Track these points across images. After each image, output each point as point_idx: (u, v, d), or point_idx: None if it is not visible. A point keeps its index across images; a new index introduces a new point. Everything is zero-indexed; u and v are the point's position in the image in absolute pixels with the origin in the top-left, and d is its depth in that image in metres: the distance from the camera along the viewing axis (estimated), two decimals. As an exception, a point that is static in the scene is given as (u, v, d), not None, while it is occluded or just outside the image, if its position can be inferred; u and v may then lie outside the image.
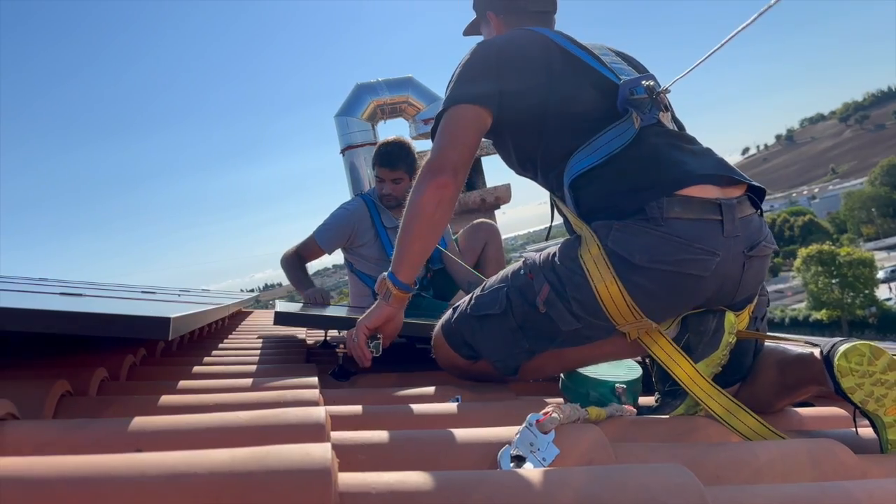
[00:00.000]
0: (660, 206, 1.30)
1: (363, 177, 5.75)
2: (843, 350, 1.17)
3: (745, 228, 1.35)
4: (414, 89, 5.79)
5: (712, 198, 1.32)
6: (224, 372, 1.62)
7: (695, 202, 1.31)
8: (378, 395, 1.39)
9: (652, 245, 1.29)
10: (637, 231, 1.30)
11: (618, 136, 1.38)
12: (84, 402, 1.12)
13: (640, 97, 1.41)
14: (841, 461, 1.01)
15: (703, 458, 0.97)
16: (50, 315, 1.02)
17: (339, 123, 5.78)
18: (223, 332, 3.04)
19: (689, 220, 1.30)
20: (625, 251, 1.30)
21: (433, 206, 1.42)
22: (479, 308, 1.50)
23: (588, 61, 1.51)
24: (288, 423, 0.89)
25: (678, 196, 1.31)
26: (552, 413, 0.97)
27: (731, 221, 1.32)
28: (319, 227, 3.18)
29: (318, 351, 2.26)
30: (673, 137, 1.45)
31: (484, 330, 1.47)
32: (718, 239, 1.31)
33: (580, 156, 1.40)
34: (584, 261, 1.33)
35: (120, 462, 0.67)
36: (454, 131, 1.47)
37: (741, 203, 1.37)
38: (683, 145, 1.44)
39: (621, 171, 1.37)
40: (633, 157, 1.38)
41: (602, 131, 1.40)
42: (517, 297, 1.43)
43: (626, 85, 1.43)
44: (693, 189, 1.33)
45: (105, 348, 1.60)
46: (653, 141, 1.40)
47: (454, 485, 0.72)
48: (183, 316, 1.19)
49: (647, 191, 1.32)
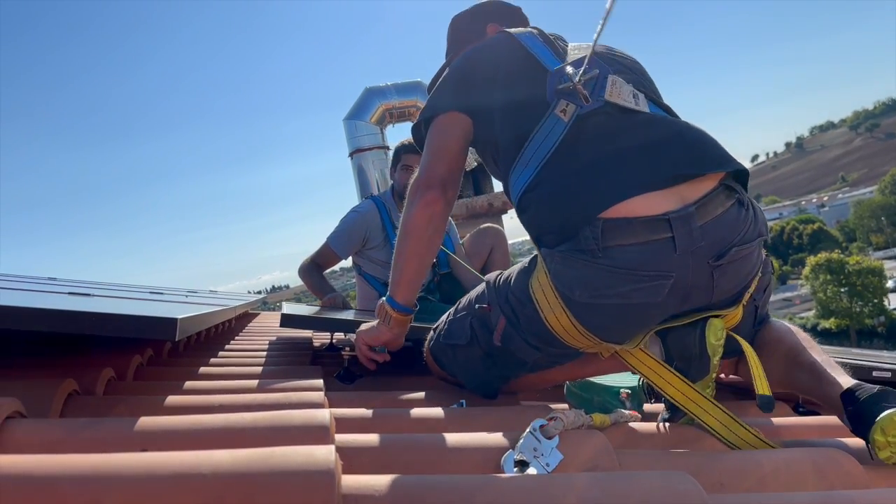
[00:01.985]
0: (594, 235, 1.15)
1: (371, 180, 5.76)
2: (880, 424, 1.04)
3: (712, 233, 1.17)
4: (423, 94, 5.81)
5: (659, 213, 1.14)
6: (230, 373, 1.62)
7: (636, 224, 1.14)
8: (383, 398, 1.39)
9: (590, 279, 1.16)
10: (574, 262, 1.18)
11: (546, 138, 1.26)
12: (91, 401, 1.13)
13: (566, 85, 1.27)
14: (846, 471, 1.00)
15: (707, 465, 0.97)
16: (58, 315, 1.03)
17: (348, 127, 5.80)
18: (230, 333, 3.05)
19: (632, 246, 1.15)
20: (564, 286, 1.19)
21: (424, 223, 1.39)
22: (448, 336, 1.47)
23: (541, 58, 1.39)
24: (293, 425, 0.89)
25: (613, 219, 1.15)
26: (556, 418, 0.97)
27: (688, 235, 1.15)
28: (332, 233, 3.20)
29: (323, 353, 2.27)
30: (620, 125, 1.27)
31: (457, 358, 1.45)
32: (670, 258, 1.15)
33: (517, 170, 1.30)
34: (534, 290, 1.25)
35: (125, 461, 0.68)
36: (437, 143, 1.43)
37: (708, 202, 1.18)
38: (633, 134, 1.25)
39: (552, 190, 1.23)
40: (563, 169, 1.23)
41: (533, 132, 1.28)
42: (480, 328, 1.38)
43: (555, 74, 1.31)
44: (634, 204, 1.15)
45: (112, 348, 1.61)
46: (589, 138, 1.25)
47: (457, 488, 0.72)
48: (190, 317, 1.19)
49: (578, 215, 1.18)
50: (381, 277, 3.20)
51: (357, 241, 3.17)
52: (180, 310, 1.41)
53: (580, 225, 1.17)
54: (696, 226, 1.15)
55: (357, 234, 3.16)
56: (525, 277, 1.30)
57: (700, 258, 1.16)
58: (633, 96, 1.29)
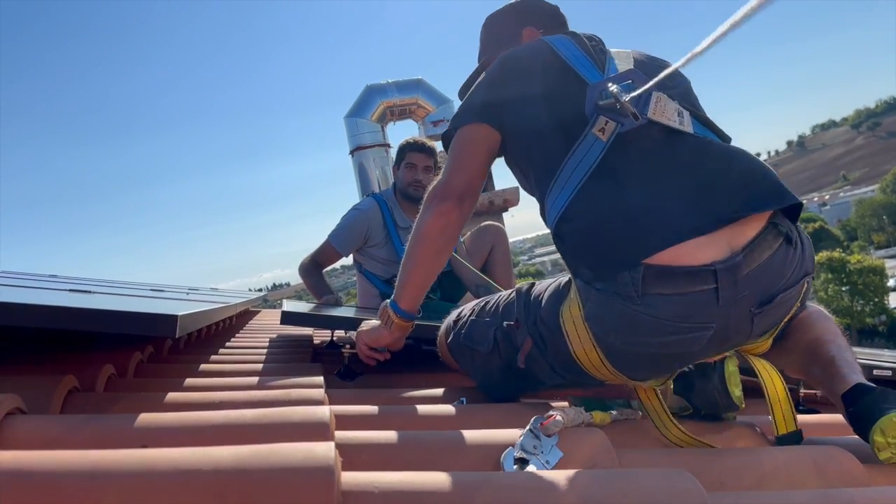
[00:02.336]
0: (634, 281, 1.07)
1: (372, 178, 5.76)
2: (880, 426, 1.05)
3: (757, 282, 1.09)
4: (423, 91, 5.80)
5: (705, 264, 1.06)
6: (230, 370, 1.63)
7: (679, 274, 1.06)
8: (383, 395, 1.39)
9: (627, 327, 1.10)
10: (611, 305, 1.11)
11: (583, 160, 1.17)
12: (91, 398, 1.13)
13: (607, 102, 1.17)
14: (846, 469, 1.00)
15: (707, 464, 0.97)
16: (58, 311, 1.03)
17: (349, 124, 5.80)
18: (231, 330, 3.05)
19: (673, 296, 1.07)
20: (599, 328, 1.13)
21: (437, 232, 1.38)
22: (470, 339, 1.42)
23: (580, 70, 1.30)
24: (293, 422, 0.90)
25: (656, 267, 1.06)
26: (556, 416, 0.97)
27: (732, 286, 1.07)
28: (334, 230, 3.20)
29: (324, 351, 2.27)
30: (664, 150, 1.17)
31: (475, 361, 1.42)
32: (713, 310, 1.08)
33: (553, 193, 1.21)
34: (565, 320, 1.19)
35: (125, 458, 0.68)
36: (459, 154, 1.40)
37: (756, 247, 1.09)
38: (679, 163, 1.15)
39: (591, 225, 1.14)
40: (602, 199, 1.13)
41: (570, 152, 1.20)
42: (503, 341, 1.34)
43: (594, 88, 1.22)
44: (679, 251, 1.06)
45: (113, 345, 1.61)
46: (630, 162, 1.15)
47: (457, 485, 0.72)
48: (190, 314, 1.19)
49: (618, 257, 1.09)
50: (381, 275, 3.20)
51: (358, 238, 3.17)
52: (181, 307, 1.41)
53: (619, 267, 1.08)
54: (742, 275, 1.08)
55: (358, 232, 3.16)
56: (556, 304, 1.22)
57: (743, 307, 1.10)
58: (677, 114, 1.19)
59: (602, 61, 1.33)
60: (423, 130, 5.85)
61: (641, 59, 1.37)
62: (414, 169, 3.12)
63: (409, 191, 3.13)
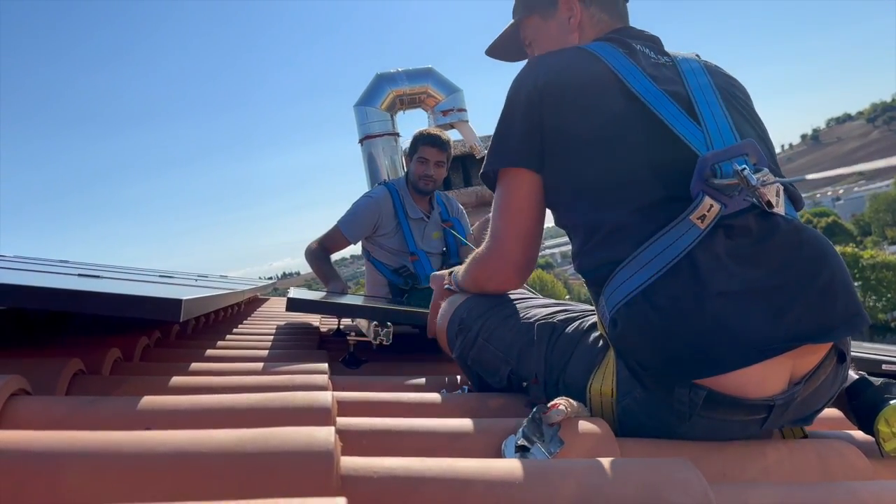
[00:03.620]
0: (691, 402, 0.97)
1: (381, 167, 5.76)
2: (884, 415, 1.04)
3: (805, 404, 1.04)
4: (434, 80, 5.78)
5: (766, 397, 0.97)
6: (236, 356, 1.63)
7: (738, 406, 0.98)
8: (386, 383, 1.40)
9: (661, 430, 1.03)
10: (653, 412, 1.02)
11: (671, 246, 1.00)
12: (96, 380, 1.14)
13: (727, 182, 0.98)
14: (850, 462, 1.00)
15: (709, 454, 0.97)
16: (62, 294, 1.04)
17: (359, 113, 5.79)
18: (238, 317, 3.07)
19: (723, 421, 1.00)
20: (631, 421, 1.05)
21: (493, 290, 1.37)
22: (480, 366, 1.30)
23: (659, 110, 1.09)
24: (295, 407, 0.90)
25: (717, 394, 0.96)
26: (559, 405, 0.97)
27: (780, 415, 1.01)
28: (343, 216, 3.20)
29: (330, 339, 2.28)
30: (755, 242, 1.01)
31: (481, 381, 1.32)
32: (752, 431, 1.03)
33: (625, 272, 1.04)
34: (592, 395, 1.09)
35: (127, 439, 0.68)
36: (510, 212, 1.24)
37: (815, 375, 1.01)
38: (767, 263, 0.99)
39: (661, 319, 0.99)
40: (679, 295, 0.98)
41: (656, 236, 1.01)
42: (516, 383, 1.23)
43: (705, 162, 1.00)
44: (746, 378, 0.96)
45: (120, 330, 1.62)
46: (718, 255, 0.98)
47: (457, 472, 0.72)
48: (195, 298, 1.20)
49: (681, 369, 0.97)
50: (390, 264, 3.20)
51: (368, 226, 3.16)
52: (188, 292, 1.42)
53: (679, 382, 0.98)
54: (794, 404, 1.01)
55: (369, 220, 3.15)
56: (587, 371, 1.11)
57: (778, 424, 1.06)
58: (776, 193, 1.03)
59: (684, 97, 1.13)
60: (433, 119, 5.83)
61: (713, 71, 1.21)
62: (426, 164, 3.11)
63: (420, 185, 3.13)
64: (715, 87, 1.17)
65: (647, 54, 1.22)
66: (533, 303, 1.35)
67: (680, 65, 1.21)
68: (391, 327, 1.59)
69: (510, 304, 1.35)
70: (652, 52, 1.24)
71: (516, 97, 1.23)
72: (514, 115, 1.22)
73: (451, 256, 3.25)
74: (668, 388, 0.99)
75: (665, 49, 1.28)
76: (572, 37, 1.34)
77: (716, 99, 1.14)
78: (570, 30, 1.35)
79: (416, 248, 3.14)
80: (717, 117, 1.10)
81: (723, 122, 1.10)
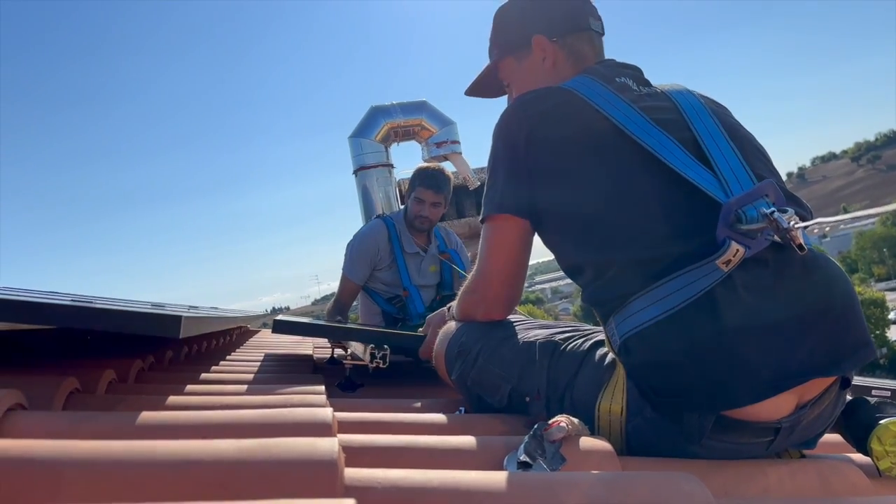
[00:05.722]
0: (700, 426, 0.98)
1: (375, 199, 5.78)
2: (876, 434, 1.05)
3: (810, 427, 1.06)
4: (428, 113, 5.85)
5: (773, 420, 0.99)
6: (232, 379, 1.62)
7: (747, 429, 1.00)
8: (383, 405, 1.39)
9: (670, 451, 1.03)
10: (662, 434, 1.03)
11: (690, 284, 1.00)
12: (92, 399, 1.13)
13: (754, 227, 0.97)
14: (851, 481, 0.99)
15: (711, 473, 0.96)
16: (62, 310, 1.03)
17: (353, 145, 5.83)
18: (230, 346, 3.04)
19: (732, 445, 1.02)
20: (639, 443, 1.05)
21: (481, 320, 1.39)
22: (479, 387, 1.29)
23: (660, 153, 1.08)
24: (295, 422, 0.89)
25: (727, 419, 0.98)
26: (561, 422, 0.96)
27: (786, 438, 1.03)
28: (345, 264, 3.20)
29: (325, 366, 2.26)
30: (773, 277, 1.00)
31: (481, 404, 1.31)
32: (759, 453, 1.05)
33: (637, 304, 1.04)
34: (601, 414, 1.08)
35: (127, 448, 0.68)
36: (495, 255, 1.28)
37: (820, 400, 1.03)
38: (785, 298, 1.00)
39: (676, 351, 0.99)
40: (697, 329, 0.98)
41: (675, 273, 1.01)
42: (517, 401, 1.22)
43: (730, 208, 0.99)
44: (759, 407, 0.97)
45: (114, 354, 1.60)
46: (737, 293, 0.98)
47: (460, 483, 0.72)
48: (194, 317, 1.19)
49: (694, 399, 0.98)
50: (384, 294, 3.19)
51: (369, 262, 3.15)
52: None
53: (691, 410, 0.99)
54: (799, 427, 1.03)
55: (368, 256, 3.14)
56: (594, 390, 1.10)
57: (784, 446, 1.08)
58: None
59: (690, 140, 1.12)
60: (427, 151, 5.88)
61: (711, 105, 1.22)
62: (422, 204, 3.11)
63: (416, 223, 3.15)
64: (720, 125, 1.16)
65: (630, 86, 1.22)
66: (532, 324, 1.36)
67: (678, 101, 1.20)
68: (388, 350, 1.58)
69: (510, 326, 1.35)
70: (634, 82, 1.24)
71: (499, 143, 1.24)
72: (497, 163, 1.24)
73: (444, 288, 3.24)
74: (679, 413, 1.00)
75: (646, 78, 1.29)
76: (549, 77, 1.34)
77: (724, 139, 1.13)
78: (546, 70, 1.36)
79: (410, 284, 3.14)
80: (728, 159, 1.10)
81: (735, 162, 1.10)
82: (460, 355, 1.35)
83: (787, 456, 1.13)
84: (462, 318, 1.44)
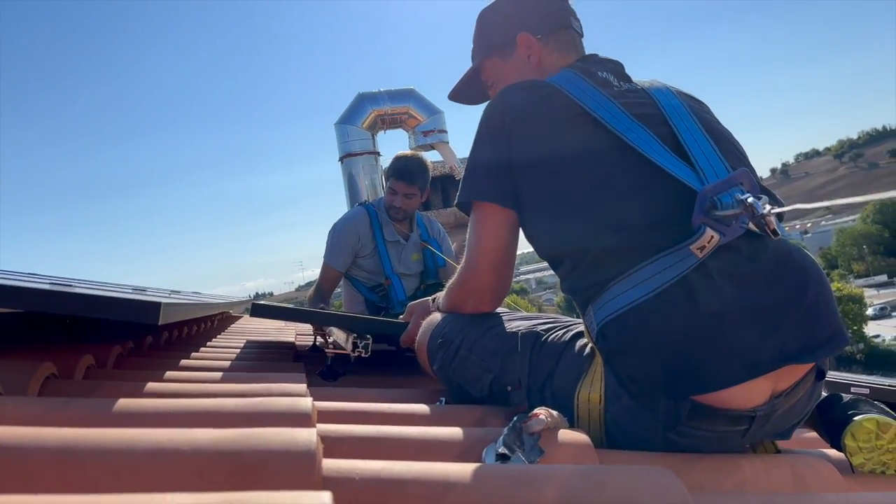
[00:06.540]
0: (676, 413, 1.00)
1: (361, 186, 5.76)
2: (850, 430, 1.07)
3: (784, 418, 1.07)
4: (415, 101, 5.83)
5: (748, 408, 1.01)
6: (212, 366, 1.61)
7: (722, 416, 1.01)
8: (364, 394, 1.39)
9: (648, 438, 1.05)
10: (641, 420, 1.04)
11: (666, 269, 1.02)
12: (69, 384, 1.11)
13: (729, 213, 1.00)
14: (824, 477, 1.01)
15: (686, 467, 0.97)
16: (39, 294, 1.02)
17: (339, 131, 5.81)
18: (212, 332, 3.02)
19: (706, 432, 1.03)
20: (618, 431, 1.07)
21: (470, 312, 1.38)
22: (461, 375, 1.30)
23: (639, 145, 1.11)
24: (274, 411, 0.89)
25: (702, 406, 1.00)
26: (540, 415, 0.97)
27: (760, 428, 1.05)
28: (326, 251, 3.19)
29: (306, 353, 2.25)
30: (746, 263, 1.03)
31: (460, 392, 1.31)
32: (735, 443, 1.07)
33: (614, 290, 1.06)
34: (580, 402, 1.09)
35: (101, 436, 0.67)
36: (482, 244, 1.28)
37: (795, 389, 1.05)
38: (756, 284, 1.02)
39: (652, 336, 1.02)
40: (672, 314, 1.01)
41: (650, 259, 1.04)
42: (499, 392, 1.23)
43: (705, 195, 1.02)
44: (732, 393, 0.99)
45: (93, 340, 1.59)
46: (712, 278, 1.01)
47: (439, 475, 0.72)
48: (174, 303, 1.18)
49: (670, 385, 1.00)
50: (366, 282, 3.19)
51: (350, 249, 3.15)
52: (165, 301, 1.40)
53: (666, 396, 1.00)
54: (774, 416, 1.05)
55: (349, 244, 3.14)
56: (574, 379, 1.12)
57: (759, 437, 1.10)
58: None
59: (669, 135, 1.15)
60: (414, 140, 5.86)
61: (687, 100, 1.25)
62: (395, 195, 3.11)
63: (390, 213, 3.15)
64: (698, 121, 1.19)
65: (611, 81, 1.25)
66: (515, 316, 1.37)
67: (656, 98, 1.22)
68: (370, 339, 1.57)
69: (492, 317, 1.36)
70: (615, 78, 1.27)
71: (483, 131, 1.26)
72: (482, 151, 1.26)
73: (428, 276, 3.25)
74: (653, 400, 1.02)
75: (627, 74, 1.32)
76: (534, 74, 1.37)
77: (701, 134, 1.16)
78: (531, 67, 1.39)
79: (392, 273, 3.14)
80: (706, 153, 1.13)
81: (712, 156, 1.13)
82: (442, 346, 1.36)
83: (762, 449, 1.14)
84: (449, 310, 1.44)
